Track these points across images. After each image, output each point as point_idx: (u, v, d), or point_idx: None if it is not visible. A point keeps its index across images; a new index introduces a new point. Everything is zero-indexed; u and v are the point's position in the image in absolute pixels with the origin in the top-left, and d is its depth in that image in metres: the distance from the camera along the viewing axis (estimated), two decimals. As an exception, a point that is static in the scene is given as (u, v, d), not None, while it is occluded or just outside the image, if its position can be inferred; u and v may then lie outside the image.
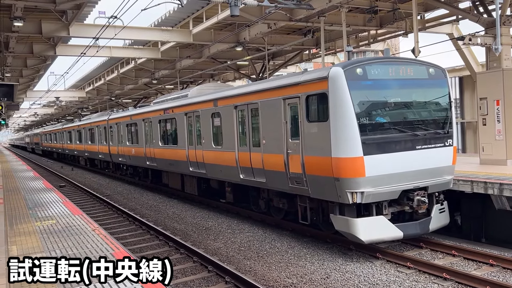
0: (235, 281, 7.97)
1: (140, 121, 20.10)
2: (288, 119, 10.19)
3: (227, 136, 12.76)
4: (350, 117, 8.59)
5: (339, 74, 8.71)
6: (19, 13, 14.13)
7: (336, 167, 8.70)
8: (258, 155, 11.31)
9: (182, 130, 15.66)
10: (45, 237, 8.74)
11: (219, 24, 18.22)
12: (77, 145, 34.94)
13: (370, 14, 16.36)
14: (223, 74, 31.74)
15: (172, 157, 16.76)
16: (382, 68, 9.24)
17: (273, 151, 10.70)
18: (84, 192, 21.46)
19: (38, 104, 46.00)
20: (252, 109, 11.66)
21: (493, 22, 12.81)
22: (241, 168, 12.16)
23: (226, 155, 12.81)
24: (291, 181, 10.12)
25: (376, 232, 8.80)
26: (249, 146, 11.78)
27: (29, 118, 67.36)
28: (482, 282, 7.36)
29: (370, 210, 8.86)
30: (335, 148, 8.71)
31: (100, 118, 28.29)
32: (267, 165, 10.97)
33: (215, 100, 13.41)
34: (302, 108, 9.60)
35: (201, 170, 14.46)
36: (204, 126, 14.20)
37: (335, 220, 9.20)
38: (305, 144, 9.55)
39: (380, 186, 8.69)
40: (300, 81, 9.74)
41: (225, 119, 12.88)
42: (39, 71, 27.57)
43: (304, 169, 9.60)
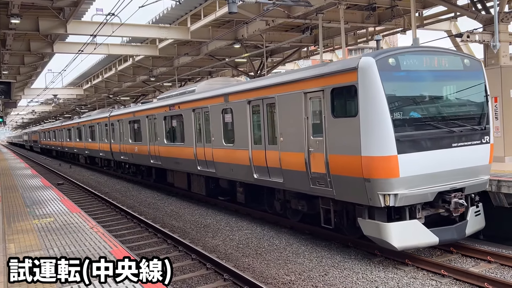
0: (233, 279, 7.98)
1: (143, 118, 19.38)
2: (309, 115, 9.44)
3: (240, 133, 12.04)
4: (383, 112, 7.88)
5: (370, 65, 7.98)
6: (16, 10, 14.06)
7: (366, 167, 8.01)
8: (274, 153, 10.60)
9: (190, 127, 14.92)
10: (43, 235, 8.73)
11: (217, 21, 18.20)
12: (77, 143, 34.34)
13: (368, 11, 16.35)
14: (221, 72, 31.70)
15: (178, 155, 16.06)
16: (415, 59, 8.52)
17: (292, 149, 9.97)
18: (82, 190, 21.44)
19: (36, 102, 45.90)
20: (267, 104, 10.90)
21: (491, 19, 12.81)
22: (255, 167, 11.46)
23: (238, 154, 12.10)
24: (312, 182, 9.41)
25: (410, 237, 8.12)
26: (264, 144, 11.07)
27: (27, 116, 67.23)
28: (480, 279, 7.37)
29: (402, 214, 8.17)
30: (366, 146, 8.00)
31: (101, 115, 27.59)
32: (285, 164, 10.25)
33: (226, 95, 12.62)
34: (326, 102, 8.82)
35: (210, 169, 13.76)
36: (213, 122, 13.40)
37: (363, 224, 8.47)
38: (329, 142, 8.81)
39: (415, 188, 8.02)
40: (324, 73, 8.93)
41: (237, 115, 12.14)
42: (36, 69, 27.49)
43: (328, 169, 8.87)
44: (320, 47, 17.32)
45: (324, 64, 9.51)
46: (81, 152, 33.63)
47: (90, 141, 30.00)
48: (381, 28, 19.72)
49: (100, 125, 27.15)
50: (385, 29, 19.98)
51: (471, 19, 14.08)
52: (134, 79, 31.51)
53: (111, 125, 24.68)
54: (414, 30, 13.79)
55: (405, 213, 8.15)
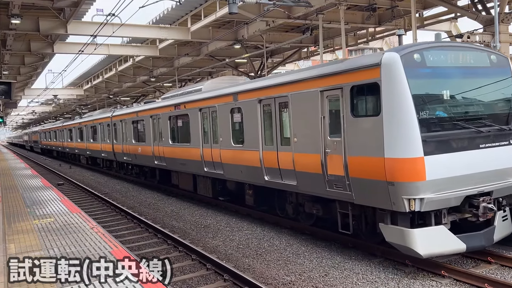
0: (233, 279, 7.97)
1: (147, 117, 18.90)
2: (326, 114, 8.97)
3: (250, 134, 11.57)
4: (408, 110, 7.45)
5: (395, 60, 7.57)
6: (16, 10, 14.07)
7: (390, 170, 7.57)
8: (287, 154, 10.12)
9: (196, 127, 14.41)
10: (43, 235, 8.74)
11: (217, 21, 18.20)
12: (78, 143, 33.86)
13: (369, 12, 16.36)
14: (222, 72, 31.71)
15: (184, 156, 15.58)
16: (441, 54, 8.12)
17: (306, 150, 9.50)
18: (82, 190, 21.43)
19: (36, 102, 45.91)
20: (280, 103, 10.40)
21: (492, 20, 12.81)
22: (266, 169, 10.98)
23: (248, 155, 11.66)
24: (329, 185, 8.94)
25: (436, 244, 7.63)
26: (276, 145, 10.60)
27: (27, 116, 67.24)
28: (480, 280, 7.37)
29: (427, 219, 7.71)
30: (390, 147, 7.55)
31: (103, 115, 27.06)
32: (299, 166, 9.77)
33: (235, 94, 12.15)
34: (345, 101, 8.35)
35: (218, 171, 13.29)
36: (222, 122, 12.93)
37: (385, 230, 8.00)
38: (348, 143, 8.35)
39: (442, 192, 7.55)
40: (343, 69, 8.46)
41: (247, 114, 11.69)
42: (36, 69, 27.51)
43: (347, 171, 8.40)
44: (321, 48, 17.32)
45: (343, 60, 8.96)
46: (83, 152, 33.19)
47: (91, 142, 29.57)
48: (381, 29, 19.73)
49: (102, 125, 26.73)
50: (385, 30, 19.99)
51: (471, 20, 14.09)
52: (134, 79, 31.53)
53: (113, 125, 24.26)
54: (414, 30, 13.79)
55: (430, 218, 7.67)
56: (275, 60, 26.31)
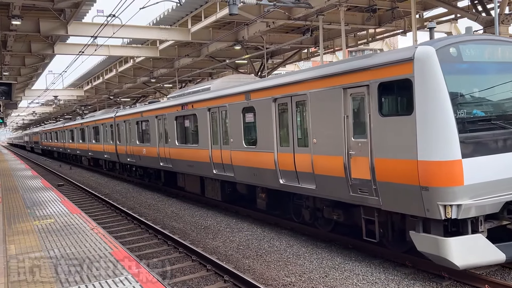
0: (233, 280, 7.97)
1: (152, 118, 18.29)
2: (349, 113, 8.40)
3: (263, 134, 11.01)
4: (445, 109, 6.91)
5: (430, 55, 7.02)
6: (17, 11, 14.10)
7: (424, 173, 7.03)
8: (305, 156, 9.54)
9: (205, 127, 13.87)
10: (44, 236, 8.74)
11: (217, 22, 18.21)
12: (80, 144, 33.37)
13: (369, 13, 16.37)
14: (222, 73, 31.74)
15: (191, 158, 15.00)
16: (477, 49, 7.57)
17: (327, 152, 8.94)
18: (83, 191, 21.44)
19: (37, 103, 45.94)
20: (297, 102, 9.84)
21: (492, 21, 12.82)
22: (281, 172, 10.44)
23: (261, 157, 11.10)
24: (352, 189, 8.40)
25: (474, 254, 7.03)
26: (292, 146, 10.03)
27: (27, 117, 67.29)
28: (480, 281, 7.37)
29: (462, 227, 7.13)
30: (424, 149, 7.01)
31: (106, 115, 26.44)
32: (318, 169, 9.21)
33: (247, 93, 11.57)
34: (372, 99, 7.81)
35: (228, 173, 12.76)
36: (232, 122, 12.39)
37: (417, 239, 7.39)
38: (376, 144, 7.80)
39: (480, 197, 6.98)
40: (370, 65, 7.88)
41: (260, 114, 11.12)
42: (37, 70, 27.54)
43: (373, 175, 7.86)
44: (321, 49, 17.33)
45: (369, 55, 8.37)
46: (84, 153, 32.77)
47: (94, 143, 29.14)
48: (382, 30, 19.75)
49: (104, 125, 26.28)
50: (386, 31, 20.01)
51: (471, 21, 14.10)
52: (134, 80, 31.55)
53: (116, 125, 23.77)
54: (414, 31, 13.80)
55: (466, 226, 7.08)
56: (275, 61, 26.34)
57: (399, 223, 8.04)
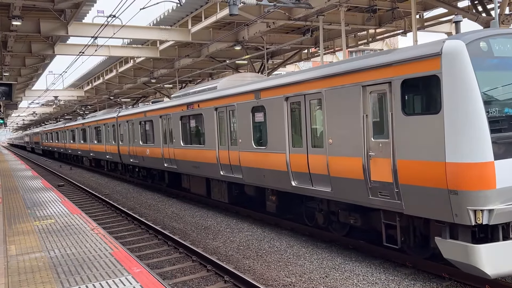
0: (234, 280, 7.97)
1: (156, 118, 18.01)
2: (369, 112, 8.04)
3: (274, 135, 10.67)
4: (476, 107, 6.49)
5: (459, 50, 6.63)
6: (17, 12, 14.10)
7: (453, 176, 6.62)
8: (320, 158, 9.23)
9: (211, 127, 13.54)
10: (44, 236, 8.74)
11: (218, 23, 18.21)
12: (81, 145, 33.11)
13: (369, 13, 16.37)
14: (222, 73, 31.75)
15: (197, 159, 14.68)
16: (508, 43, 7.17)
17: (344, 153, 8.57)
18: (83, 192, 21.45)
19: (37, 103, 45.96)
20: (311, 101, 9.48)
21: (492, 21, 12.81)
22: (293, 174, 10.13)
23: (272, 158, 10.78)
24: (372, 192, 8.06)
25: (506, 262, 6.63)
26: (306, 147, 9.69)
27: (28, 117, 67.31)
28: (480, 281, 7.36)
29: (492, 233, 6.75)
30: (453, 150, 6.61)
31: (108, 115, 26.05)
32: (334, 171, 8.86)
33: (257, 91, 11.23)
34: (394, 97, 7.45)
35: (236, 175, 12.45)
36: (241, 122, 12.04)
37: (443, 245, 7.01)
38: (399, 145, 7.42)
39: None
40: (393, 61, 7.49)
41: (271, 113, 10.75)
42: (37, 70, 27.54)
43: (396, 177, 7.51)
44: (321, 49, 17.33)
45: (390, 50, 7.93)
46: (86, 154, 32.46)
47: (95, 143, 28.86)
48: (382, 30, 19.75)
49: (106, 126, 25.93)
50: (386, 31, 20.00)
51: (471, 21, 14.09)
52: (134, 80, 31.56)
53: (119, 126, 23.51)
54: (414, 32, 13.80)
55: (497, 232, 6.71)
56: (275, 61, 26.34)
57: (422, 228, 7.70)
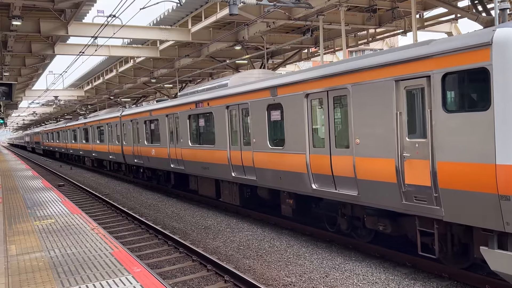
0: (234, 280, 7.98)
1: (162, 117, 17.44)
2: (403, 109, 7.43)
3: (293, 134, 10.05)
4: None
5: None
6: (17, 12, 14.11)
7: (504, 180, 6.03)
8: (345, 159, 8.64)
9: (222, 126, 12.97)
10: (44, 236, 8.75)
11: (218, 23, 18.21)
12: (83, 145, 32.51)
13: (369, 13, 16.38)
14: (222, 73, 31.76)
15: (206, 160, 14.09)
16: None
17: (373, 154, 7.97)
18: (83, 191, 21.46)
19: (37, 103, 45.98)
20: (335, 97, 8.86)
21: (492, 21, 12.81)
22: (313, 176, 9.51)
23: (290, 159, 10.19)
24: (406, 197, 7.46)
25: None
26: (328, 147, 9.07)
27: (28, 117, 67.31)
28: (480, 281, 7.37)
29: None
30: (505, 151, 6.00)
31: (111, 114, 25.35)
32: (362, 173, 8.24)
33: (274, 88, 10.61)
34: (434, 92, 6.81)
35: (249, 177, 11.92)
36: (255, 121, 11.43)
37: (490, 256, 6.40)
38: (439, 145, 6.80)
39: None
40: (433, 52, 6.83)
41: (289, 111, 10.12)
42: (37, 70, 27.54)
43: (435, 181, 6.90)
44: (321, 49, 17.33)
45: (428, 41, 7.19)
46: (88, 154, 31.87)
47: (98, 143, 28.30)
48: (382, 30, 19.75)
49: (110, 125, 25.29)
50: (386, 31, 20.00)
51: (472, 21, 14.09)
52: (135, 80, 31.57)
53: (122, 125, 22.94)
54: (415, 31, 13.79)
55: None
56: (275, 61, 26.35)
57: (462, 236, 7.20)
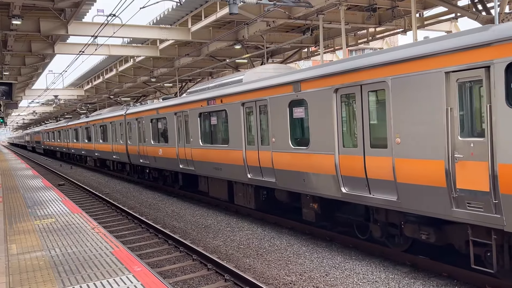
0: (234, 279, 7.99)
1: (171, 115, 16.75)
2: (455, 105, 6.65)
3: (319, 133, 9.28)
4: None
5: None
6: (17, 11, 14.11)
7: None
8: (382, 160, 7.85)
9: (237, 125, 12.29)
10: (45, 235, 8.76)
11: (217, 22, 18.22)
12: (85, 144, 31.78)
13: (369, 12, 16.37)
14: (222, 72, 31.77)
15: (219, 160, 13.40)
16: None
17: (417, 154, 7.17)
18: (83, 191, 21.47)
19: (37, 103, 45.99)
20: (370, 92, 8.08)
21: (492, 20, 12.82)
22: (343, 178, 8.75)
23: (315, 160, 9.42)
24: (457, 203, 6.73)
25: None
26: (362, 147, 8.28)
27: (28, 116, 67.32)
28: (480, 280, 7.38)
29: None
30: None
31: (115, 113, 24.60)
32: (402, 176, 7.48)
33: (297, 83, 9.84)
34: (496, 84, 6.06)
35: (268, 178, 11.22)
36: (275, 119, 10.70)
37: None
38: (501, 144, 6.08)
39: None
40: (494, 39, 6.05)
41: (315, 108, 9.35)
42: (37, 70, 27.55)
43: (495, 186, 6.17)
44: (321, 48, 17.33)
45: (486, 27, 6.39)
46: (90, 154, 31.16)
47: (101, 142, 27.62)
48: (382, 29, 19.75)
49: (113, 124, 24.59)
50: (386, 30, 20.00)
51: (471, 20, 14.10)
52: (134, 79, 31.57)
53: (127, 124, 22.23)
54: (414, 31, 13.79)
55: None
56: (275, 60, 26.35)
57: None
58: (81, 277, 6.19)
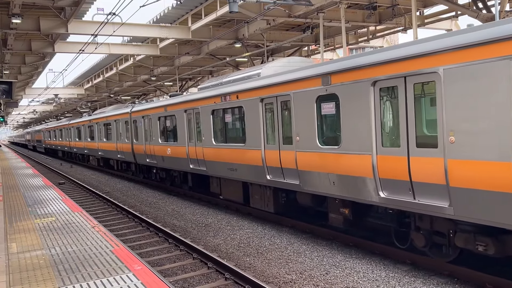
0: (234, 278, 7.99)
1: (180, 112, 15.95)
2: None
3: (353, 131, 8.42)
4: None
5: None
6: (17, 10, 14.11)
7: None
8: (432, 161, 6.98)
9: (255, 122, 11.50)
10: (45, 234, 8.76)
11: (218, 20, 18.22)
12: (88, 143, 31.06)
13: (369, 10, 16.37)
14: (222, 71, 31.77)
15: (234, 160, 12.64)
16: None
17: (478, 155, 6.27)
18: (84, 189, 21.48)
19: (37, 101, 46.00)
20: (417, 85, 7.19)
21: (493, 18, 12.80)
22: (381, 181, 7.91)
23: (347, 160, 8.58)
24: None
25: None
26: (406, 146, 7.39)
27: (28, 115, 67.36)
28: (480, 279, 7.38)
29: None
30: None
31: (120, 110, 23.84)
32: (456, 180, 6.61)
33: (326, 76, 8.92)
34: None
35: (290, 180, 10.40)
36: (300, 116, 9.84)
37: None
38: None
39: None
40: None
41: (348, 103, 8.46)
42: (37, 68, 27.56)
43: None
44: (321, 46, 17.32)
45: None
46: (93, 153, 30.40)
47: (105, 141, 26.74)
48: (382, 27, 19.74)
49: (118, 122, 23.83)
50: (386, 28, 19.99)
51: (472, 18, 14.08)
52: (135, 78, 31.60)
53: (133, 122, 21.49)
54: (415, 29, 13.78)
55: None
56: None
57: None
58: (81, 275, 6.19)
